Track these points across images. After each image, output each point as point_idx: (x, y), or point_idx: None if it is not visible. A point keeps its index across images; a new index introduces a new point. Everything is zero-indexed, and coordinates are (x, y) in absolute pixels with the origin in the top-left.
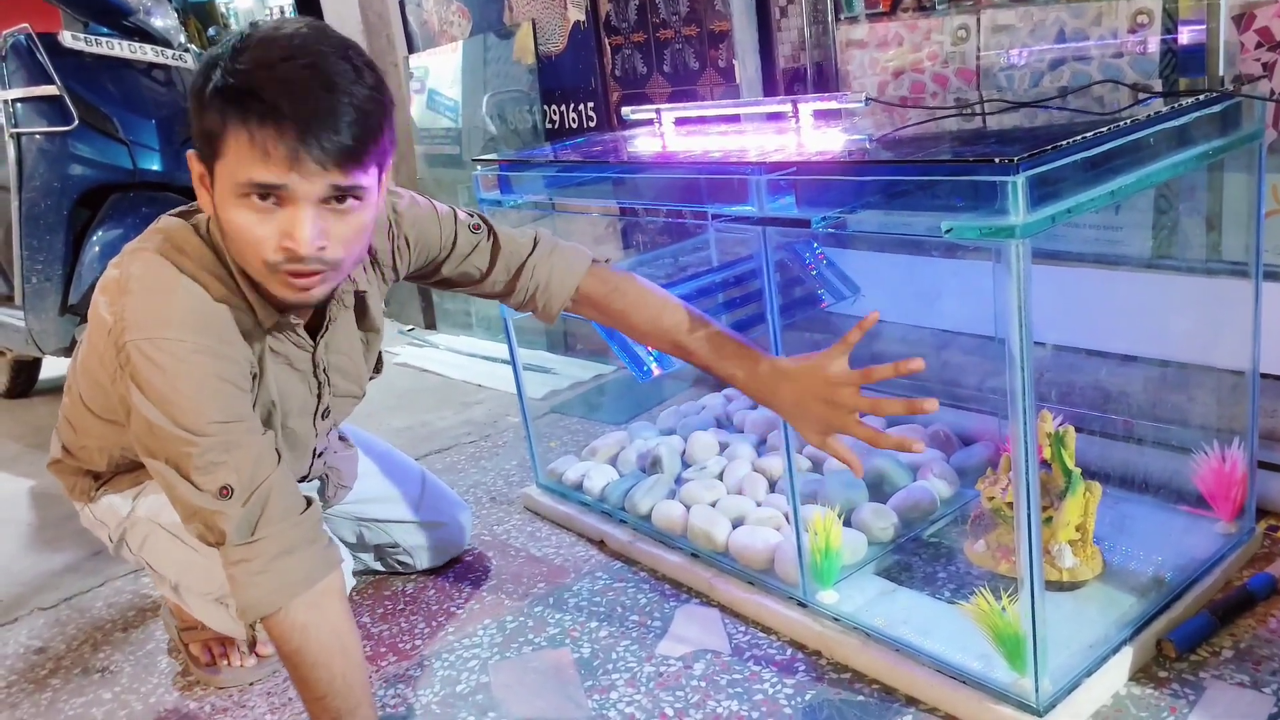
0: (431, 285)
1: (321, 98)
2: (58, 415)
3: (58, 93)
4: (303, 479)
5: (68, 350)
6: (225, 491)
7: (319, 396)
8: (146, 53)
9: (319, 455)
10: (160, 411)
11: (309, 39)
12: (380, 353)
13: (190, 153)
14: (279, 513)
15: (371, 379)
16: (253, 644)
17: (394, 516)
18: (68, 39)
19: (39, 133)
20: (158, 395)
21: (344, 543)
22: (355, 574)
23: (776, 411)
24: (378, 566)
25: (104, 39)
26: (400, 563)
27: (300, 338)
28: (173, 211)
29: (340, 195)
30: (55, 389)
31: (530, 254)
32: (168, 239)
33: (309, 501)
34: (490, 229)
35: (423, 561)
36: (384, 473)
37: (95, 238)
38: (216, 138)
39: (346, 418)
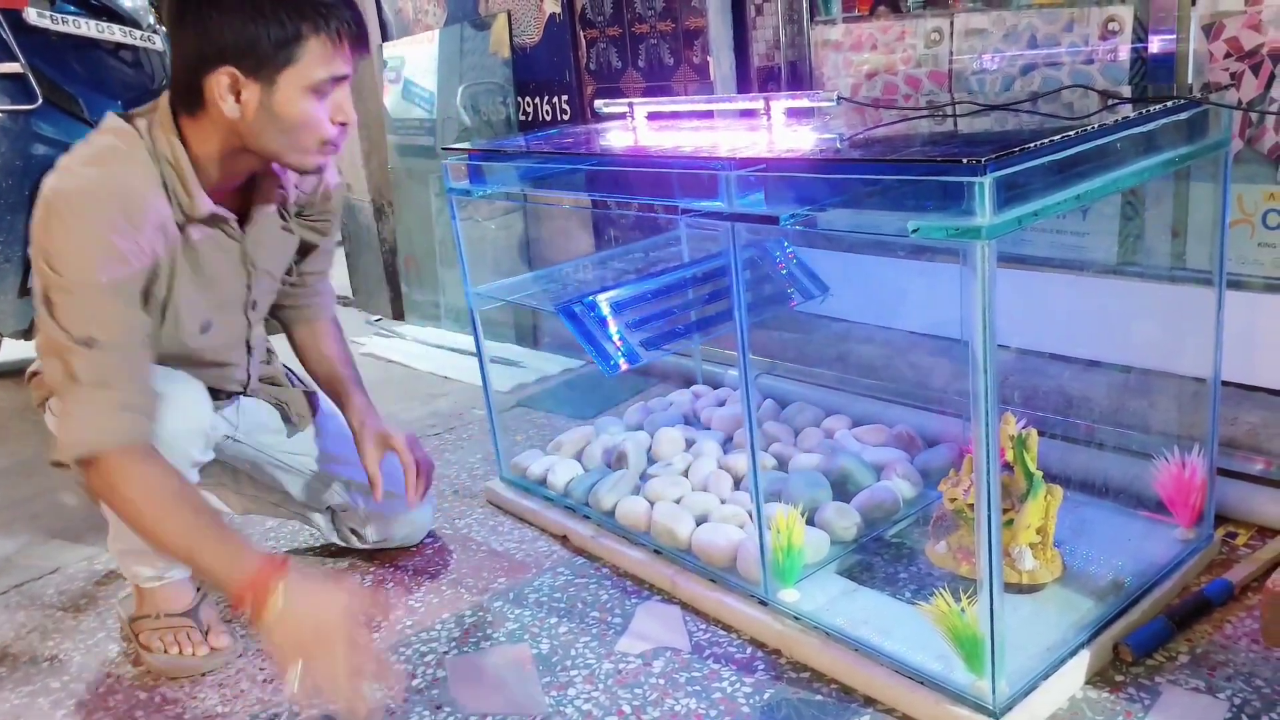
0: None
1: (358, 9)
2: (13, 397)
3: (21, 70)
4: (244, 386)
5: (26, 333)
6: (89, 341)
7: (249, 287)
8: (114, 32)
9: (251, 352)
10: (46, 252)
11: None
12: (324, 247)
13: (224, 70)
14: (130, 375)
15: (319, 274)
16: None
17: (355, 478)
18: (33, 16)
19: (1, 111)
20: (51, 241)
21: (301, 500)
22: (309, 550)
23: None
24: (334, 539)
25: (70, 17)
26: (353, 530)
27: (231, 228)
28: (116, 114)
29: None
30: (12, 372)
31: (323, 278)
32: (112, 130)
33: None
34: (340, 246)
35: (371, 535)
36: (351, 439)
37: None
38: (291, 45)
39: (270, 302)
